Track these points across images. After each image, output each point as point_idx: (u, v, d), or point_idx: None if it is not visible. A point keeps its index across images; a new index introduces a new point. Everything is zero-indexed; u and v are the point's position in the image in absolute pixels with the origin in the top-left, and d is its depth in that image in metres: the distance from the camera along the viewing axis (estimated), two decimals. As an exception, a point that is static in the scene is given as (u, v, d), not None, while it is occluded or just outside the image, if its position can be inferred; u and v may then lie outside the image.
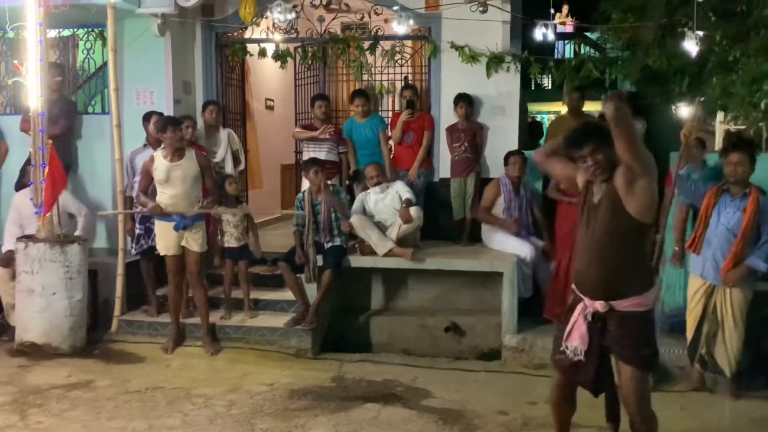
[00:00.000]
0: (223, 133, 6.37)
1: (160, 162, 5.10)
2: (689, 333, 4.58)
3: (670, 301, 5.15)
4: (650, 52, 5.70)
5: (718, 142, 11.22)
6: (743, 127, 5.72)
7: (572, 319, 2.99)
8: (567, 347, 2.99)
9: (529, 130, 8.31)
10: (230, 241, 5.71)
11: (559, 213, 5.79)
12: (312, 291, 5.60)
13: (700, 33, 4.94)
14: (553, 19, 5.48)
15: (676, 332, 4.88)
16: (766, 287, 4.64)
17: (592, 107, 11.13)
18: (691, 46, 4.67)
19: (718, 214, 4.32)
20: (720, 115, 8.62)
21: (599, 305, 2.92)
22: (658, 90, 6.64)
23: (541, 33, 5.37)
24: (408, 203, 5.67)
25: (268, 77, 8.56)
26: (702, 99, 5.30)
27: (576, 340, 2.96)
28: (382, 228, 5.72)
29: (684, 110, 7.13)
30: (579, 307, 2.98)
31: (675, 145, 4.79)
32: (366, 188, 5.97)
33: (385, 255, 5.58)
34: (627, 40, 6.01)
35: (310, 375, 4.95)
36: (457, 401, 4.43)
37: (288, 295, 5.74)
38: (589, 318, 2.94)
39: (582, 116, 6.14)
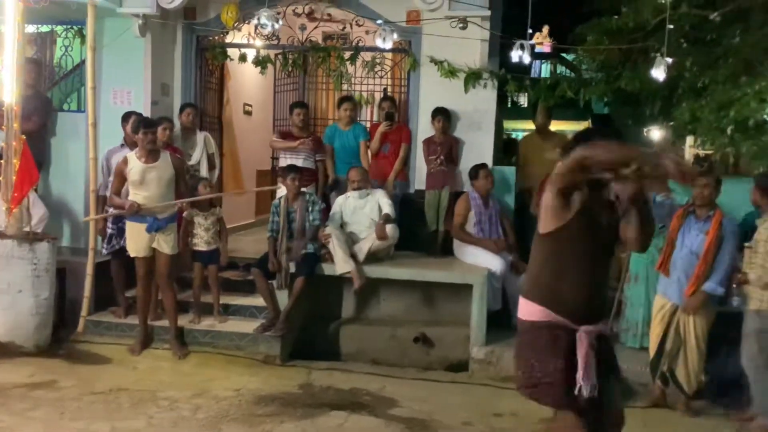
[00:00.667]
0: (200, 136, 6.35)
1: (135, 163, 5.08)
2: (652, 350, 4.69)
3: (630, 316, 5.30)
4: (623, 74, 5.86)
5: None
6: (710, 151, 5.89)
7: (582, 355, 2.57)
8: (583, 387, 2.56)
9: (505, 147, 8.43)
10: (200, 244, 5.69)
11: None
12: (283, 298, 5.59)
13: (670, 60, 5.09)
14: (531, 38, 5.59)
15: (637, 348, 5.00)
16: (729, 309, 4.75)
17: (566, 126, 11.33)
18: (659, 71, 4.81)
19: (683, 236, 4.43)
20: (689, 140, 8.84)
21: (602, 327, 2.70)
22: (630, 112, 6.80)
23: (517, 54, 5.47)
24: (386, 219, 5.71)
25: (248, 82, 8.57)
26: (672, 123, 5.46)
27: (591, 375, 2.58)
28: (355, 239, 5.76)
29: (655, 133, 7.33)
30: (583, 340, 2.60)
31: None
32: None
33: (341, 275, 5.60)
34: (601, 62, 6.16)
35: (278, 381, 4.94)
36: (424, 411, 4.46)
37: (258, 300, 5.73)
38: (594, 345, 2.62)
39: (550, 135, 6.26)
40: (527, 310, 2.70)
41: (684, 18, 5.45)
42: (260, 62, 6.85)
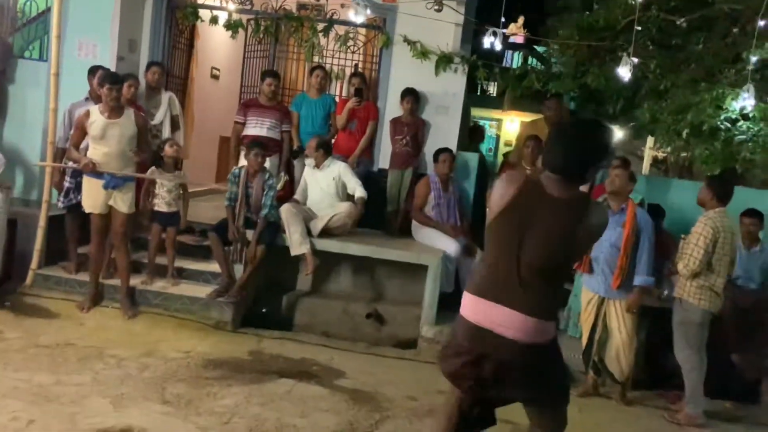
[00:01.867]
0: (165, 96, 6.25)
1: (97, 117, 4.99)
2: (583, 341, 4.88)
3: (574, 306, 5.50)
4: (590, 71, 5.98)
5: (646, 167, 11.86)
6: (665, 153, 6.09)
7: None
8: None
9: (470, 134, 8.51)
10: (161, 205, 5.63)
11: None
12: (238, 267, 5.60)
13: (636, 60, 5.22)
14: (505, 27, 5.65)
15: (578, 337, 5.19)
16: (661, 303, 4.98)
17: (533, 117, 11.45)
18: (625, 71, 4.95)
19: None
20: (649, 141, 9.08)
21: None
22: (594, 109, 6.95)
23: (489, 40, 5.54)
24: (362, 203, 5.82)
25: (217, 46, 8.44)
26: (633, 123, 5.62)
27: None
28: (312, 214, 5.79)
29: (617, 132, 7.52)
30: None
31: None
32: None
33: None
34: (570, 57, 6.27)
35: (228, 347, 4.96)
36: (370, 384, 4.56)
37: (213, 267, 5.73)
38: None
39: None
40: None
41: (652, 21, 5.59)
42: (231, 26, 6.75)
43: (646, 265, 4.56)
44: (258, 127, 6.20)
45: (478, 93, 12.46)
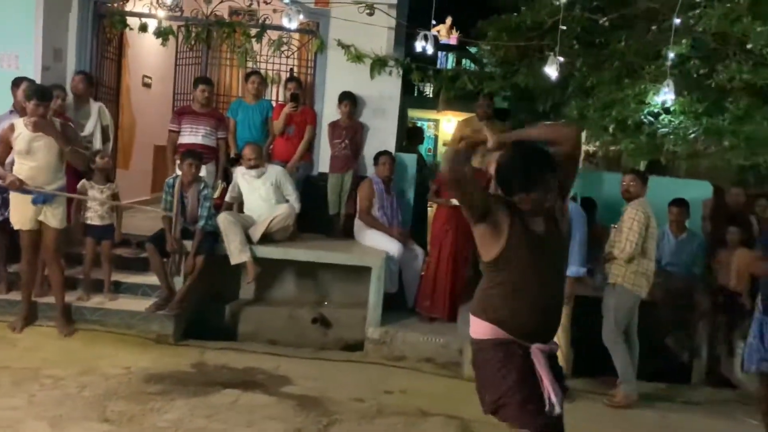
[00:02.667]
0: (94, 107, 6.08)
1: (22, 131, 4.81)
2: None
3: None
4: (520, 71, 6.15)
5: (580, 162, 12.25)
6: (595, 148, 6.31)
7: (543, 374, 2.46)
8: (553, 403, 2.43)
9: (409, 135, 8.61)
10: (93, 218, 5.47)
11: (435, 215, 6.12)
12: (179, 278, 5.50)
13: (562, 59, 5.41)
14: (432, 29, 5.74)
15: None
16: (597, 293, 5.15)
17: (461, 117, 11.65)
18: (552, 70, 5.12)
19: None
20: (582, 137, 9.33)
21: (553, 346, 2.59)
22: (526, 107, 7.14)
23: (421, 45, 5.63)
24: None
25: (148, 53, 8.25)
26: (563, 120, 5.80)
27: (557, 390, 2.46)
28: (251, 221, 5.74)
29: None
30: (539, 356, 2.49)
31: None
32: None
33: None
34: (500, 57, 6.43)
35: (171, 360, 4.86)
36: (317, 389, 4.55)
37: (152, 279, 5.60)
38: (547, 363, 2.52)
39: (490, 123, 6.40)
40: (477, 328, 2.59)
41: (576, 20, 5.79)
42: (161, 33, 6.63)
43: (579, 255, 4.72)
44: (193, 134, 6.10)
45: (415, 94, 12.59)
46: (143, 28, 6.63)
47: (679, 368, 5.59)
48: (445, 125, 15.30)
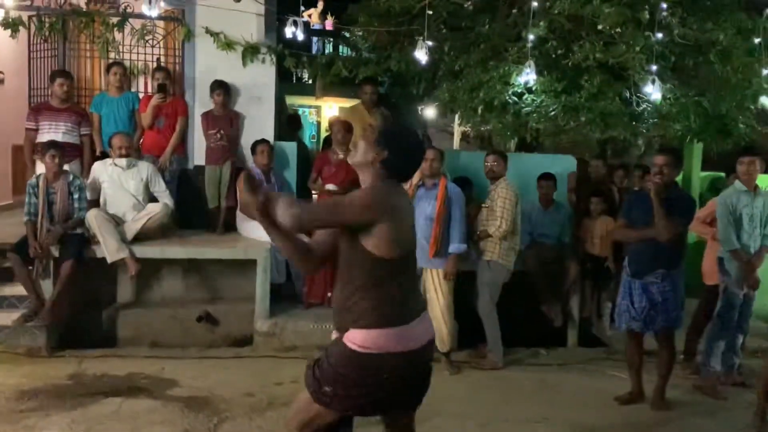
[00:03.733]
0: (-65, 107, 5.55)
1: None
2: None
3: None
4: (392, 56, 6.24)
5: (456, 142, 12.65)
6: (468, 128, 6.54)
7: None
8: None
9: (288, 122, 8.52)
10: (-56, 229, 5.02)
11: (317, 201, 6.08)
12: (48, 285, 5.16)
13: (431, 43, 5.54)
14: (302, 15, 5.70)
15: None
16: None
17: (347, 103, 11.71)
18: (421, 54, 5.25)
19: (418, 206, 4.84)
20: (457, 117, 9.66)
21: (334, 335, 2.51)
22: (400, 92, 7.27)
23: (290, 30, 5.57)
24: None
25: (-2, 47, 7.59)
26: (436, 103, 5.96)
27: None
28: (117, 220, 5.47)
29: (427, 111, 7.95)
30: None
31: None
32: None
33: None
34: (372, 43, 6.50)
35: (44, 374, 4.59)
36: (205, 388, 4.45)
37: (18, 290, 5.22)
38: None
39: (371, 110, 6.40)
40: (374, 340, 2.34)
41: (443, 5, 5.95)
42: (10, 24, 6.12)
43: (459, 233, 4.90)
44: (53, 131, 5.72)
45: (294, 81, 12.47)
46: (-12, 19, 6.10)
47: (555, 332, 5.95)
48: (327, 111, 15.28)
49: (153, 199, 5.73)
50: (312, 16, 6.57)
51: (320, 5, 6.33)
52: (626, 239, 4.49)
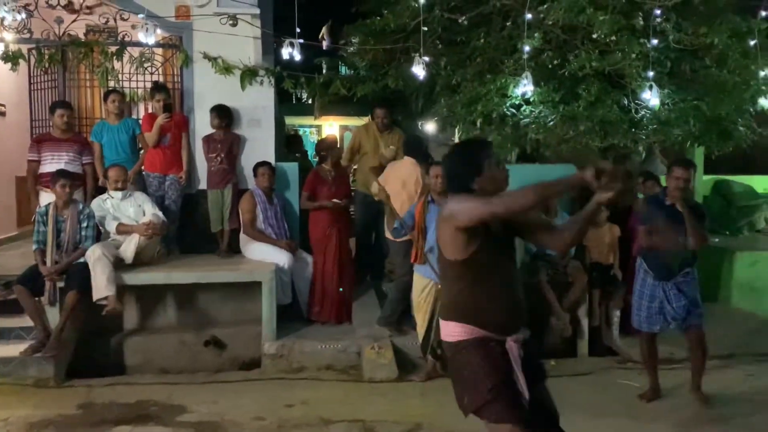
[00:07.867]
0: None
1: None
2: (420, 328, 5.11)
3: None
4: (389, 73, 6.27)
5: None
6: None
7: (516, 367, 2.55)
8: (524, 392, 2.53)
9: (288, 143, 8.55)
10: (-50, 263, 5.04)
11: (312, 220, 6.10)
12: (54, 315, 5.16)
13: (428, 59, 5.57)
14: (301, 38, 5.74)
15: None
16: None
17: (348, 122, 11.76)
18: (419, 70, 5.28)
19: (430, 224, 4.84)
20: (458, 131, 9.67)
21: (524, 333, 2.66)
22: (399, 108, 7.29)
23: (287, 52, 5.61)
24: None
25: (-2, 80, 7.66)
26: (435, 118, 5.98)
27: (523, 379, 2.55)
28: (118, 244, 5.49)
29: (427, 126, 7.96)
30: (513, 351, 2.58)
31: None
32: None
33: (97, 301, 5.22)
34: (369, 61, 6.53)
35: (53, 404, 4.58)
36: (215, 413, 4.43)
37: (25, 321, 5.24)
38: (521, 353, 2.60)
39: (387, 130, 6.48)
40: (452, 330, 2.65)
41: (437, 21, 5.98)
42: (10, 58, 6.18)
43: None
44: (55, 162, 5.77)
45: (294, 101, 12.51)
46: (-12, 53, 6.15)
47: (565, 344, 5.90)
48: (327, 130, 15.31)
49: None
50: (324, 35, 6.66)
51: (324, 28, 6.45)
52: (657, 247, 4.48)
